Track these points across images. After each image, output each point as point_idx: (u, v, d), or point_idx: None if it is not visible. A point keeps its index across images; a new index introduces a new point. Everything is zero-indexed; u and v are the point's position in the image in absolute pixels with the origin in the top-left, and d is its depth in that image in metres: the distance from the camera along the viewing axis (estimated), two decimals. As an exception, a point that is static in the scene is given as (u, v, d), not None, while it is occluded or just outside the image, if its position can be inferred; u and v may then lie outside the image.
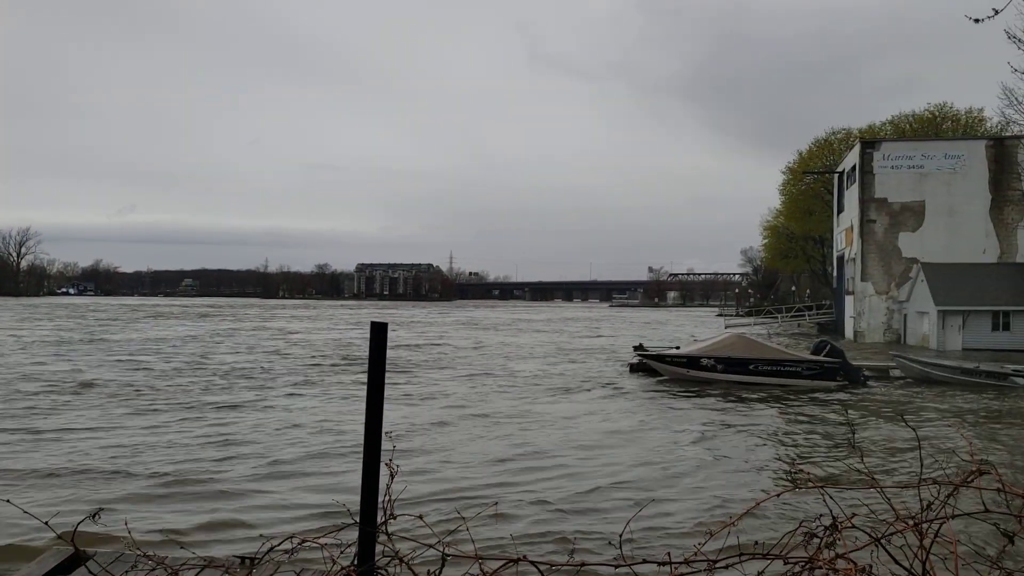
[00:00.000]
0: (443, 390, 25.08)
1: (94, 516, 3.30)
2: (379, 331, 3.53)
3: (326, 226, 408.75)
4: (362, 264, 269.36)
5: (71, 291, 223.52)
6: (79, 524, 3.35)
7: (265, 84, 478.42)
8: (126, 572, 3.67)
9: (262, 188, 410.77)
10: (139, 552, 3.76)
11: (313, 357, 36.71)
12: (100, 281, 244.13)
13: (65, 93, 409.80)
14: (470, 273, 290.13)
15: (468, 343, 49.63)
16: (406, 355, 38.18)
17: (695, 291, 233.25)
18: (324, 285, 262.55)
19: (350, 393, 23.68)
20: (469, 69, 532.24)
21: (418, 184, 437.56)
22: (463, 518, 3.69)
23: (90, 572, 3.89)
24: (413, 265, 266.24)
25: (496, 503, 10.57)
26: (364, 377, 3.58)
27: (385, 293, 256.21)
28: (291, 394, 23.66)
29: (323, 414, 19.90)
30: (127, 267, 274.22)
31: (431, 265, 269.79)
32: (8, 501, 3.94)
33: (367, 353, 3.78)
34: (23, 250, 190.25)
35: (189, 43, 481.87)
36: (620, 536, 3.08)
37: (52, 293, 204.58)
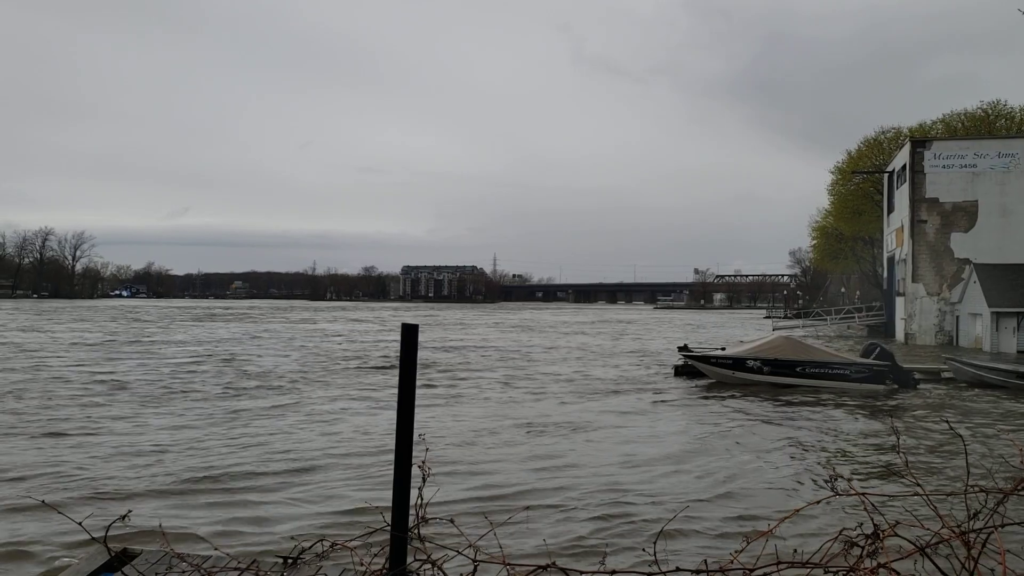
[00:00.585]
0: (483, 394, 25.04)
1: (123, 518, 3.33)
2: (410, 333, 3.50)
3: (373, 229, 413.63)
4: (408, 266, 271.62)
5: (124, 293, 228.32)
6: (110, 526, 3.36)
7: (316, 89, 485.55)
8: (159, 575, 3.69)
9: (312, 191, 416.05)
10: (175, 554, 3.78)
11: (354, 359, 36.95)
12: (152, 283, 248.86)
13: (116, 96, 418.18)
14: (513, 275, 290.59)
15: (511, 345, 49.62)
16: (447, 357, 38.23)
17: (742, 293, 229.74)
18: (371, 287, 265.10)
19: (387, 395, 23.72)
20: (513, 71, 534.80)
21: (464, 187, 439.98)
22: (492, 523, 3.64)
23: None
24: (458, 267, 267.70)
25: (527, 508, 10.50)
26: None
27: (430, 295, 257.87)
28: (327, 396, 23.76)
29: (359, 416, 20.00)
30: (178, 269, 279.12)
31: (475, 267, 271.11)
32: (43, 502, 4.00)
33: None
34: (78, 253, 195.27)
35: (238, 48, 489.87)
36: (654, 543, 3.02)
37: (105, 295, 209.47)
